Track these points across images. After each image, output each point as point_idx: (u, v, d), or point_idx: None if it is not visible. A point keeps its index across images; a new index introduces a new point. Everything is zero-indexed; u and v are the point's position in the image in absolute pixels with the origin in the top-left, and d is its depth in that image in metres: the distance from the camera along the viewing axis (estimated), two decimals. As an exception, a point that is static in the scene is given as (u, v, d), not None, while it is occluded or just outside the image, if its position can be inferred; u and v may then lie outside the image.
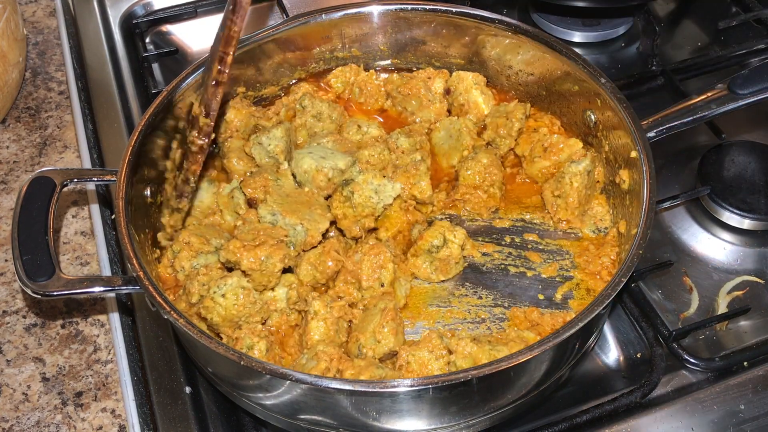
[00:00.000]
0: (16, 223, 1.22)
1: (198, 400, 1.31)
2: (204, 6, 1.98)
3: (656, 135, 1.33)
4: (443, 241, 1.35)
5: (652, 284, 1.44)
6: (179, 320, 1.12)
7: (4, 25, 1.72)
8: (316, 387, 1.07)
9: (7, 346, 1.44)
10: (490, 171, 1.43)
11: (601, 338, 1.38)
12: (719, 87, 1.36)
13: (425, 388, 1.06)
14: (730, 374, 1.32)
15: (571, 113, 1.50)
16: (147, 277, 1.17)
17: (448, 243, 1.36)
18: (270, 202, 1.33)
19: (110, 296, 1.43)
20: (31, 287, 1.17)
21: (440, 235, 1.35)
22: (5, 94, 1.77)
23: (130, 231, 1.23)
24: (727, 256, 1.48)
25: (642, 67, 1.82)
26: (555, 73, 1.49)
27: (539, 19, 1.91)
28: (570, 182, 1.37)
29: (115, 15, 1.98)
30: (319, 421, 1.17)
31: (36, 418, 1.35)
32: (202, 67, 1.44)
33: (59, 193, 1.28)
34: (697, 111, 1.34)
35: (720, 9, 1.96)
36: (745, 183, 1.51)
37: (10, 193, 1.69)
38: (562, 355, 1.19)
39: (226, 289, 1.22)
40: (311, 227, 1.32)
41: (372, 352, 1.22)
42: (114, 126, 1.73)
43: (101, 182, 1.39)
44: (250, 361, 1.07)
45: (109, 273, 1.47)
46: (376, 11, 1.57)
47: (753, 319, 1.39)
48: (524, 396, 1.19)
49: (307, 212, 1.34)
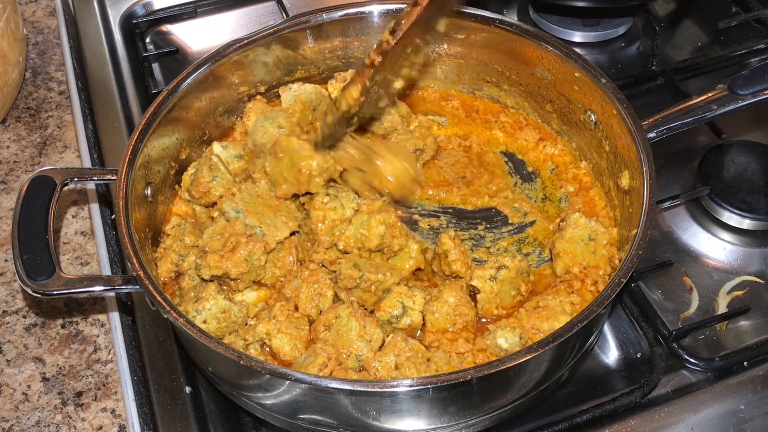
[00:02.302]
0: (17, 222, 1.22)
1: (198, 400, 1.31)
2: (204, 6, 1.98)
3: (656, 135, 1.33)
4: (402, 310, 1.26)
5: (652, 284, 1.44)
6: (179, 320, 1.12)
7: (4, 25, 1.71)
8: (315, 387, 1.07)
9: (7, 346, 1.44)
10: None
11: (601, 338, 1.38)
12: (720, 87, 1.35)
13: (425, 388, 1.06)
14: (730, 374, 1.32)
15: (572, 113, 1.50)
16: (147, 277, 1.17)
17: (407, 311, 1.26)
18: (237, 199, 1.32)
19: (110, 296, 1.43)
20: (31, 286, 1.17)
21: (398, 303, 1.26)
22: (5, 94, 1.77)
23: (130, 230, 1.23)
24: (727, 256, 1.48)
25: (642, 67, 1.82)
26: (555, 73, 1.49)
27: (539, 19, 1.91)
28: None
29: (115, 15, 1.98)
30: (319, 421, 1.17)
31: (36, 418, 1.35)
32: (202, 67, 1.45)
33: (59, 192, 1.28)
34: (697, 111, 1.34)
35: (720, 9, 1.96)
36: (745, 183, 1.52)
37: (10, 193, 1.69)
38: (562, 355, 1.19)
39: (205, 315, 1.23)
40: (269, 233, 1.29)
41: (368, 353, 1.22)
42: (114, 126, 1.73)
43: (102, 181, 1.39)
44: (250, 360, 1.07)
45: (110, 273, 1.47)
46: (376, 11, 1.57)
47: (753, 319, 1.39)
48: (524, 396, 1.19)
49: (270, 216, 1.31)
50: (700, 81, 1.78)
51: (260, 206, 1.33)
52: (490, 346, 1.22)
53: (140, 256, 1.20)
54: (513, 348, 1.20)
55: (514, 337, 1.21)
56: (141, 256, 1.20)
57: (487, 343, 1.23)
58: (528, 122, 1.60)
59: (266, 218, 1.31)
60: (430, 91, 1.67)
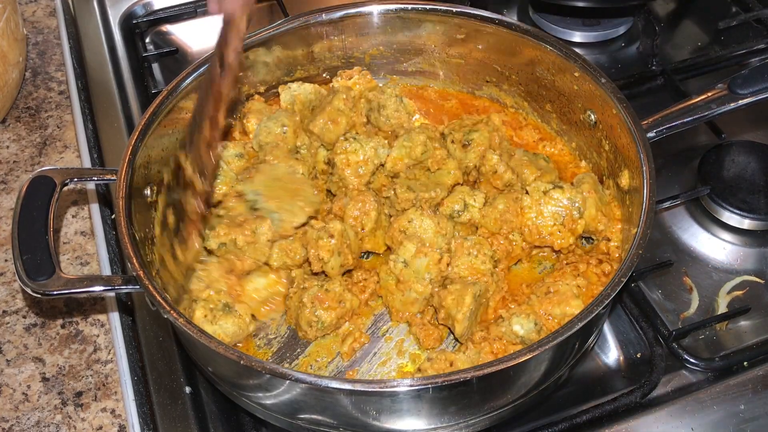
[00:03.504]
0: (17, 222, 1.22)
1: (198, 400, 1.31)
2: (204, 6, 1.98)
3: (656, 135, 1.33)
4: (464, 206, 1.37)
5: (652, 284, 1.44)
6: (179, 320, 1.12)
7: (4, 25, 1.72)
8: (315, 386, 1.07)
9: (7, 346, 1.44)
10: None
11: (601, 338, 1.38)
12: (719, 87, 1.35)
13: (425, 388, 1.06)
14: (730, 374, 1.31)
15: (571, 113, 1.50)
16: (147, 277, 1.17)
17: (468, 207, 1.37)
18: (257, 182, 1.33)
19: (110, 296, 1.43)
20: (31, 286, 1.17)
21: (461, 200, 1.37)
22: (5, 94, 1.77)
23: (131, 230, 1.23)
24: (727, 256, 1.48)
25: (642, 67, 1.82)
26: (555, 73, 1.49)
27: (539, 19, 1.91)
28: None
29: (115, 15, 1.98)
30: (318, 421, 1.17)
31: (36, 418, 1.35)
32: (202, 66, 1.44)
33: (59, 192, 1.28)
34: (697, 111, 1.34)
35: (720, 9, 1.96)
36: (745, 183, 1.51)
37: (10, 193, 1.69)
38: (561, 355, 1.19)
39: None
40: (286, 219, 1.31)
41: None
42: (114, 126, 1.73)
43: (102, 181, 1.39)
44: (250, 360, 1.07)
45: (110, 273, 1.47)
46: (375, 11, 1.57)
47: (753, 319, 1.39)
48: (524, 396, 1.19)
49: (288, 202, 1.33)
50: (700, 81, 1.78)
51: (279, 190, 1.34)
52: (506, 334, 1.24)
53: (140, 256, 1.20)
54: (529, 334, 1.23)
55: (529, 323, 1.23)
56: (141, 256, 1.20)
57: (502, 330, 1.25)
58: (528, 122, 1.60)
59: (285, 203, 1.33)
60: (430, 90, 1.67)
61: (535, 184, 1.35)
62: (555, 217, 1.34)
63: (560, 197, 1.33)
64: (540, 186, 1.35)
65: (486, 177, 1.43)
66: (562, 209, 1.33)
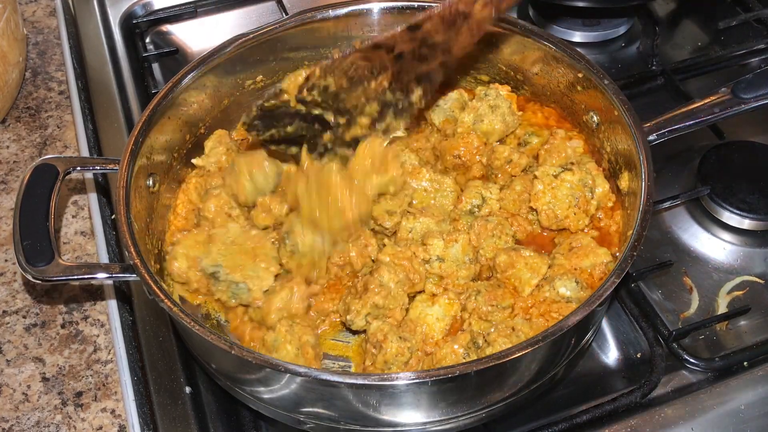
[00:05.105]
0: (18, 208, 1.22)
1: (198, 400, 1.31)
2: (204, 6, 1.98)
3: (657, 138, 1.31)
4: (482, 199, 1.37)
5: (652, 284, 1.44)
6: (173, 308, 1.12)
7: (4, 25, 1.72)
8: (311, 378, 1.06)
9: (7, 346, 1.44)
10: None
11: (601, 338, 1.38)
12: (723, 91, 1.34)
13: (423, 381, 1.06)
14: (730, 374, 1.32)
15: (574, 114, 1.50)
16: (144, 266, 1.17)
17: (486, 200, 1.37)
18: (214, 253, 1.27)
19: (108, 284, 1.43)
20: (30, 272, 1.18)
21: (478, 194, 1.37)
22: (5, 94, 1.77)
23: (130, 219, 1.23)
24: (727, 256, 1.48)
25: (642, 67, 1.82)
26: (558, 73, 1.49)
27: (539, 19, 1.91)
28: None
29: (115, 15, 1.98)
30: (317, 414, 1.17)
31: (36, 418, 1.35)
32: (202, 65, 1.44)
33: (62, 180, 1.28)
34: (699, 115, 1.33)
35: (720, 9, 1.96)
36: (745, 183, 1.51)
37: (10, 193, 1.69)
38: (557, 353, 1.19)
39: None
40: (254, 286, 1.26)
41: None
42: (114, 126, 1.73)
43: (104, 171, 1.39)
44: (242, 351, 1.07)
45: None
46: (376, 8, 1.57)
47: (753, 319, 1.39)
48: (517, 393, 1.18)
49: (250, 266, 1.27)
50: (700, 81, 1.78)
51: (238, 255, 1.28)
52: (550, 297, 1.25)
53: (138, 245, 1.19)
54: (576, 294, 1.24)
55: (571, 282, 1.24)
56: (139, 245, 1.20)
57: (546, 295, 1.25)
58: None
59: (248, 269, 1.27)
60: (430, 91, 1.67)
61: (543, 168, 1.35)
62: (569, 199, 1.33)
63: (572, 179, 1.33)
64: (549, 170, 1.34)
65: (501, 170, 1.42)
66: (576, 191, 1.33)
